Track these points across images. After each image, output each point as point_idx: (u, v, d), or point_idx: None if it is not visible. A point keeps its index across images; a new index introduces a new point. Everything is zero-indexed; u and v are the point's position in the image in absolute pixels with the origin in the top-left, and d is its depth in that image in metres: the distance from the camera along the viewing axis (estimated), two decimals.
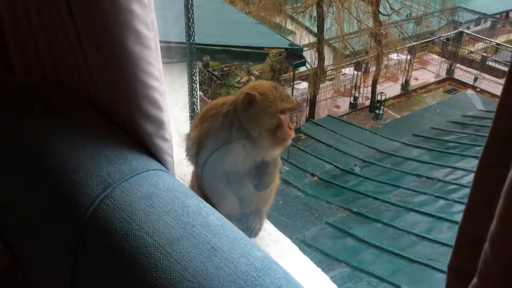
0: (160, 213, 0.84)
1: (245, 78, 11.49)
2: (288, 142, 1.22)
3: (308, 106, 12.53)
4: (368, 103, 13.78)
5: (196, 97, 2.44)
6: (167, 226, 0.82)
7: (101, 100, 1.08)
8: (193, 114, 2.34)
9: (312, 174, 7.00)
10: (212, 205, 0.93)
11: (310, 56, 12.13)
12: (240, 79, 11.50)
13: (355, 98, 13.69)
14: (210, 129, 1.25)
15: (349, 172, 7.04)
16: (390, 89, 14.17)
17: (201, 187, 1.30)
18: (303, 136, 8.33)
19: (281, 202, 6.00)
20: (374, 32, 12.40)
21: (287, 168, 6.83)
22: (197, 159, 1.29)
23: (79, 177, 0.93)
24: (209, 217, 0.85)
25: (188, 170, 1.43)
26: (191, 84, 2.32)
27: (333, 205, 6.16)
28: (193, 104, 2.32)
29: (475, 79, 14.37)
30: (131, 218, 0.84)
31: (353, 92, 13.76)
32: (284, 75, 12.77)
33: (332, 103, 13.78)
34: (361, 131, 9.17)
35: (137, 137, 1.01)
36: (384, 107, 13.22)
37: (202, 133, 1.26)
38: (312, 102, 12.56)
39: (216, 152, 1.22)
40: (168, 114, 1.02)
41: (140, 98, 0.95)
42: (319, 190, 6.58)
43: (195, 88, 2.38)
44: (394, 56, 14.31)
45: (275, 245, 1.36)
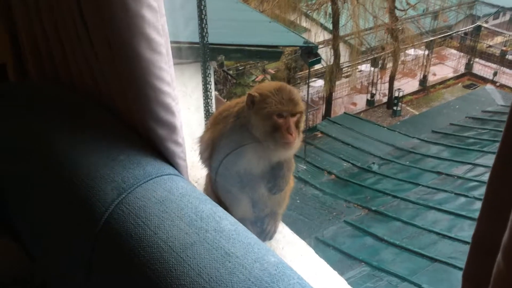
0: (174, 219, 0.84)
1: (261, 77, 11.46)
2: (291, 146, 1.15)
3: (324, 104, 12.45)
4: (385, 100, 13.58)
5: (211, 97, 2.42)
6: (180, 231, 0.82)
7: (114, 105, 1.09)
8: (208, 116, 2.32)
9: (329, 173, 6.94)
10: (226, 208, 0.93)
11: (325, 53, 12.04)
12: (255, 78, 11.48)
13: (372, 95, 13.51)
14: (222, 131, 1.23)
15: (367, 170, 6.96)
16: (407, 85, 13.95)
17: (215, 190, 1.29)
18: (320, 134, 8.27)
19: (298, 201, 5.97)
20: (391, 27, 12.25)
21: (304, 167, 6.79)
22: (210, 162, 1.28)
23: (94, 183, 0.94)
24: (222, 222, 0.84)
25: (202, 174, 1.43)
26: (205, 85, 2.31)
27: (351, 204, 6.10)
28: (208, 105, 2.31)
29: (495, 74, 14.05)
30: (145, 223, 0.84)
31: (370, 89, 13.59)
32: (300, 73, 12.71)
33: (348, 101, 13.65)
34: (378, 128, 9.04)
35: (150, 142, 1.02)
36: (402, 104, 13.01)
37: (215, 136, 1.25)
38: (328, 100, 12.47)
39: (229, 154, 1.21)
40: (180, 118, 1.02)
41: (152, 103, 0.96)
42: (336, 188, 6.52)
43: (210, 89, 2.36)
44: (411, 51, 14.09)
45: (291, 247, 1.35)
